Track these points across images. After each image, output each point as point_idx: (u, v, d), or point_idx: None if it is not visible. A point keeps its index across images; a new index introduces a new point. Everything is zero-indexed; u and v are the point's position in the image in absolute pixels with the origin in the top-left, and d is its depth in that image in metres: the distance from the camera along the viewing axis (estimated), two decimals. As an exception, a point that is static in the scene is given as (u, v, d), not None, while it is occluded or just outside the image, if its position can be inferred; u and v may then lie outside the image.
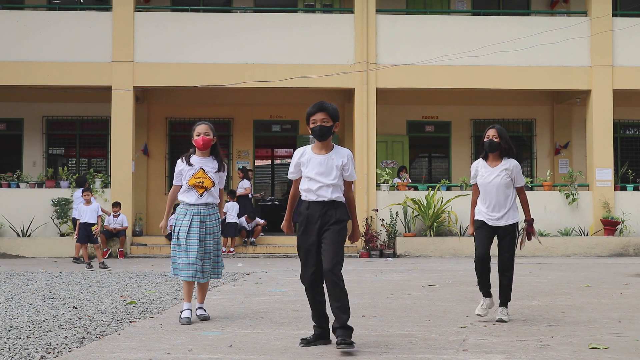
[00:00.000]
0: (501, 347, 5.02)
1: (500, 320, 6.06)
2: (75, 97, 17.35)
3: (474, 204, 6.39)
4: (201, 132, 6.16)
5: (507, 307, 6.21)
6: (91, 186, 15.20)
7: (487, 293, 6.23)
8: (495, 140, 6.15)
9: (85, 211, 12.55)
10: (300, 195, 5.13)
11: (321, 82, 15.62)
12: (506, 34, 15.97)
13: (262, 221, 15.94)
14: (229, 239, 15.32)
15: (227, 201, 15.40)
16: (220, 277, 6.50)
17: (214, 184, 6.21)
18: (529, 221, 6.38)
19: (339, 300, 4.80)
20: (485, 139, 6.21)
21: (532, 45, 15.79)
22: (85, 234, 12.52)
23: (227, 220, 15.18)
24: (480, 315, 6.14)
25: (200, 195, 6.16)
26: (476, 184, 6.32)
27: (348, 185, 5.13)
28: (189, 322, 6.03)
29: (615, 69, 16.17)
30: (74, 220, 13.66)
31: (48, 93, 17.35)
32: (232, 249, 15.29)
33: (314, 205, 5.00)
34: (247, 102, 18.00)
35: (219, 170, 6.25)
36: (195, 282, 6.24)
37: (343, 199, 5.06)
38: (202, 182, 6.15)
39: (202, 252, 6.13)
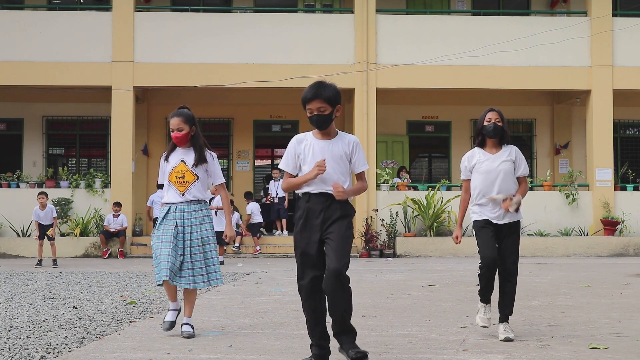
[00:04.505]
0: (501, 347, 5.01)
1: (507, 339, 5.18)
2: (75, 97, 17.36)
3: (464, 202, 5.62)
4: (174, 127, 5.45)
5: (508, 323, 5.38)
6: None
7: (487, 300, 5.50)
8: (499, 124, 5.45)
9: (41, 213, 13.05)
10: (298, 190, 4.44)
11: (321, 82, 15.59)
12: (506, 34, 15.97)
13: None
14: (256, 238, 15.70)
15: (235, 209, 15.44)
16: (218, 284, 5.59)
17: (198, 178, 5.47)
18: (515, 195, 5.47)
19: (344, 303, 4.19)
20: (486, 123, 5.47)
21: (532, 45, 15.79)
22: (44, 233, 13.13)
23: (254, 221, 15.75)
24: (486, 327, 5.48)
25: (182, 194, 5.43)
26: (468, 180, 5.55)
27: (359, 177, 4.49)
28: (170, 327, 5.44)
29: (615, 69, 16.17)
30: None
31: (48, 93, 17.35)
32: (258, 247, 15.54)
33: (315, 198, 4.30)
34: (247, 102, 18.00)
35: (198, 163, 5.49)
36: (182, 291, 5.54)
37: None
38: (183, 177, 5.45)
39: (181, 253, 5.37)
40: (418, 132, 18.77)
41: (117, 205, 15.06)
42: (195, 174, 5.47)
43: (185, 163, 5.48)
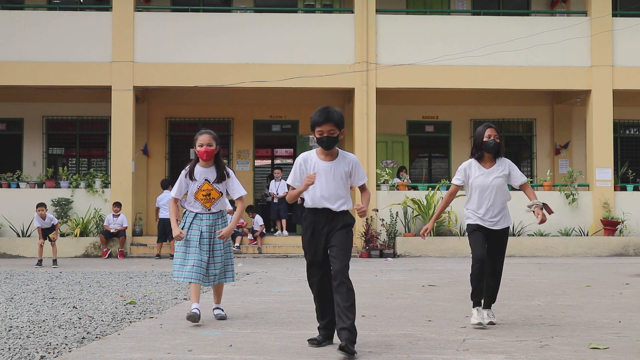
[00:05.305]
0: (501, 347, 5.01)
1: (490, 323, 5.86)
2: (75, 97, 17.36)
3: (446, 204, 6.42)
4: (204, 143, 6.07)
5: (491, 309, 6.02)
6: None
7: (480, 302, 5.96)
8: (497, 140, 6.01)
9: (42, 221, 13.19)
10: (303, 202, 5.08)
11: (321, 82, 15.62)
12: (506, 34, 15.97)
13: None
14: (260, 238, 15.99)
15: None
16: (233, 280, 6.42)
17: (222, 194, 6.19)
18: (539, 203, 6.04)
19: (347, 300, 4.70)
20: (485, 139, 5.99)
21: (532, 45, 15.80)
22: (47, 235, 13.32)
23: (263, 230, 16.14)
24: (482, 324, 5.80)
25: (209, 209, 6.15)
26: (457, 186, 6.19)
27: (362, 188, 5.14)
28: (193, 317, 5.87)
29: (615, 69, 16.17)
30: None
31: (48, 93, 17.36)
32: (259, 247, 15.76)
33: (320, 212, 4.96)
34: (247, 102, 18.00)
35: (220, 180, 6.17)
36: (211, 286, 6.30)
37: (349, 207, 5.01)
38: (209, 194, 6.14)
39: (209, 256, 6.09)
40: (418, 132, 18.77)
41: (117, 205, 15.06)
42: (220, 192, 6.19)
43: (209, 182, 6.17)
